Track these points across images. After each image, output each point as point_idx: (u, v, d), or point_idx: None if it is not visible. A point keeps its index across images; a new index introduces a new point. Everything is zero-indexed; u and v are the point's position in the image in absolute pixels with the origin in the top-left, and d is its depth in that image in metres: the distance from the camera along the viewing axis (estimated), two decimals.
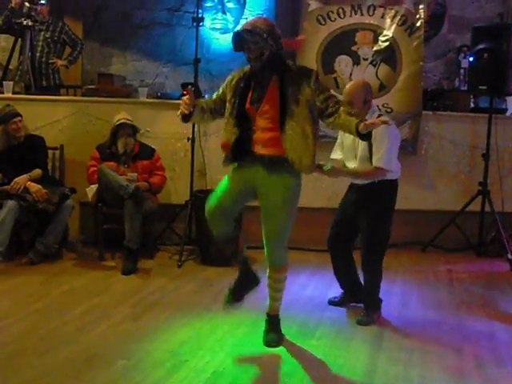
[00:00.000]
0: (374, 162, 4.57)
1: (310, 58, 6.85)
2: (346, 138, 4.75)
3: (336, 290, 5.34)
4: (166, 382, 3.61)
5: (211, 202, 4.12)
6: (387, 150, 4.56)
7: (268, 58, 3.88)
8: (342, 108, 3.90)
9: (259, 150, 3.96)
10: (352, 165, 4.70)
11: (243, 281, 4.28)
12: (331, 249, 4.94)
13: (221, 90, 4.14)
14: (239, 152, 4.00)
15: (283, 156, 3.91)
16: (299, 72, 3.96)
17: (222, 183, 4.14)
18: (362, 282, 4.87)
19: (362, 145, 4.59)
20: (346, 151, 4.80)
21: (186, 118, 4.05)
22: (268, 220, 4.03)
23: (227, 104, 4.03)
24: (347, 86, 4.71)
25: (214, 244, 5.09)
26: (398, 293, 5.46)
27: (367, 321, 4.68)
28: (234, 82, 4.04)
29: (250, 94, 3.95)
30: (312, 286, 5.35)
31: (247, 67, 4.03)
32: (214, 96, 4.17)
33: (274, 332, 4.23)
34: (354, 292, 5.00)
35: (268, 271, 4.18)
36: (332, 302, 5.04)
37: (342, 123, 3.87)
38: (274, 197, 3.97)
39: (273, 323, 4.27)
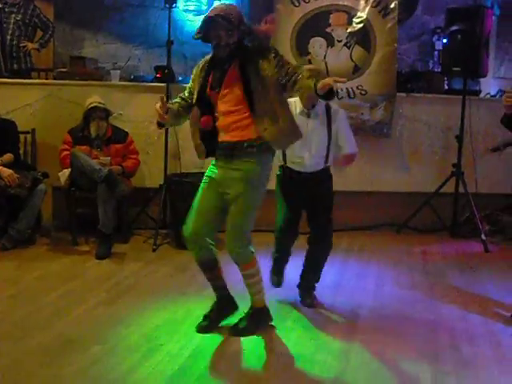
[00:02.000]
0: (350, 149, 4.61)
1: (284, 40, 6.82)
2: None
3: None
4: (141, 367, 3.59)
5: (191, 223, 3.98)
6: (351, 134, 4.66)
7: (235, 45, 3.82)
8: (302, 73, 3.76)
9: (222, 137, 3.92)
10: (305, 154, 4.52)
11: (221, 307, 4.21)
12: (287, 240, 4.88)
13: (190, 84, 4.08)
14: (210, 142, 3.97)
15: (243, 141, 3.85)
16: (256, 49, 3.86)
17: (197, 196, 4.05)
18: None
19: (319, 133, 4.53)
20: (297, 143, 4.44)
21: (160, 124, 4.03)
22: (230, 213, 3.90)
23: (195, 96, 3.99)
24: None
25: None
26: (372, 274, 5.50)
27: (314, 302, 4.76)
28: (198, 72, 3.99)
29: (210, 80, 3.90)
30: (288, 269, 5.33)
31: (210, 55, 3.98)
32: (186, 93, 4.10)
33: (245, 320, 4.15)
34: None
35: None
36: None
37: (303, 87, 3.73)
38: (235, 187, 3.86)
39: (251, 314, 4.16)
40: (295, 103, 4.55)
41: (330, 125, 4.56)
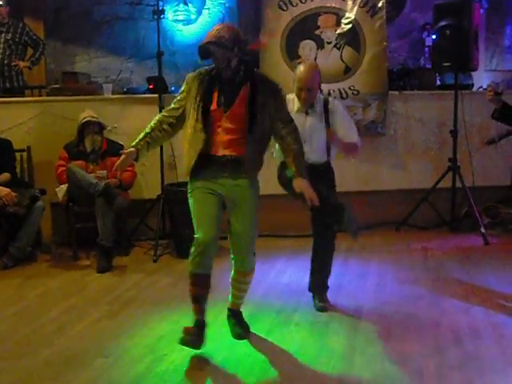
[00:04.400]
0: (352, 139, 4.64)
1: (274, 45, 6.86)
2: None
3: None
4: (146, 378, 3.60)
5: (205, 228, 3.84)
6: (354, 125, 4.75)
7: (237, 65, 3.83)
8: (289, 141, 3.94)
9: (221, 151, 3.87)
10: (307, 149, 4.42)
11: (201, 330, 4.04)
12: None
13: (181, 96, 3.99)
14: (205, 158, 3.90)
15: (241, 156, 3.87)
16: (270, 85, 3.93)
17: (195, 211, 3.96)
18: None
19: (318, 132, 4.58)
20: None
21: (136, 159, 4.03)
22: (241, 227, 3.94)
23: (190, 110, 3.90)
24: (303, 72, 4.55)
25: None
26: (373, 273, 5.50)
27: (326, 306, 4.68)
28: (196, 86, 3.91)
29: (215, 96, 3.87)
30: (289, 273, 5.36)
31: (205, 69, 3.96)
32: (176, 105, 4.01)
33: (240, 325, 4.22)
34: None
35: (234, 274, 4.12)
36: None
37: (286, 157, 4.00)
38: (244, 202, 3.93)
39: (238, 316, 4.27)
40: (293, 100, 4.60)
41: (328, 121, 4.61)
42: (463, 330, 4.19)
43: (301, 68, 4.61)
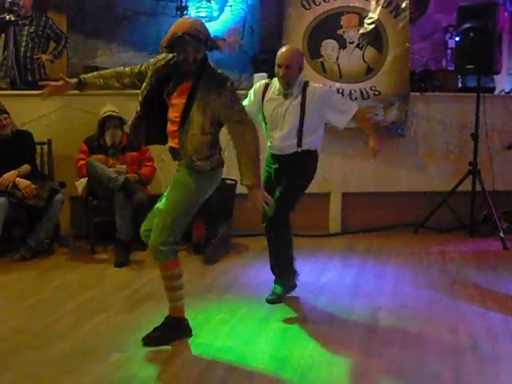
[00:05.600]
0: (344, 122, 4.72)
1: (296, 43, 6.80)
2: (266, 110, 4.65)
3: (329, 275, 5.39)
4: (161, 373, 3.61)
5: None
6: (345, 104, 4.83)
7: (202, 60, 3.83)
8: (245, 140, 3.81)
9: (169, 141, 4.00)
10: (275, 135, 4.62)
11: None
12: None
13: (146, 64, 4.07)
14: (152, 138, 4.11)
15: (180, 149, 3.93)
16: (214, 78, 3.83)
17: None
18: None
19: (291, 114, 4.55)
20: (269, 122, 4.69)
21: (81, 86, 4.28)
22: (163, 205, 3.95)
23: (144, 83, 3.97)
24: (284, 51, 4.57)
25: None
26: (391, 275, 5.47)
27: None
28: (158, 67, 3.96)
29: (168, 85, 3.91)
30: (306, 272, 5.33)
31: (171, 56, 3.94)
32: (137, 69, 4.11)
33: (159, 331, 4.02)
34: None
35: None
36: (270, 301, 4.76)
37: (239, 162, 3.85)
38: (174, 185, 3.99)
39: (167, 323, 4.05)
40: (272, 84, 4.62)
41: (303, 106, 4.54)
42: (480, 335, 4.16)
43: (282, 48, 4.64)
